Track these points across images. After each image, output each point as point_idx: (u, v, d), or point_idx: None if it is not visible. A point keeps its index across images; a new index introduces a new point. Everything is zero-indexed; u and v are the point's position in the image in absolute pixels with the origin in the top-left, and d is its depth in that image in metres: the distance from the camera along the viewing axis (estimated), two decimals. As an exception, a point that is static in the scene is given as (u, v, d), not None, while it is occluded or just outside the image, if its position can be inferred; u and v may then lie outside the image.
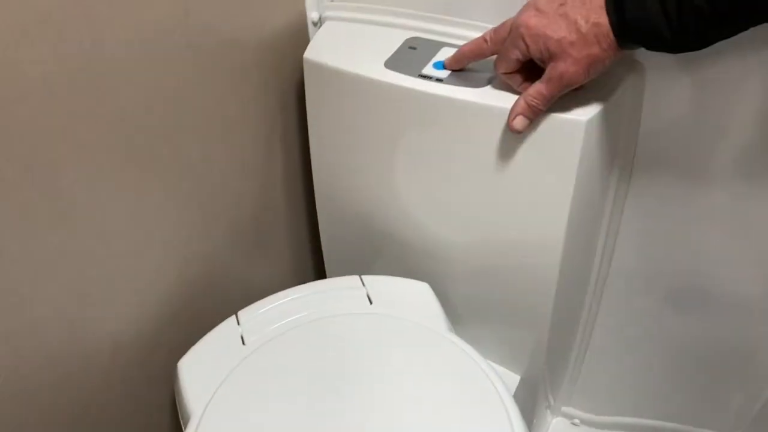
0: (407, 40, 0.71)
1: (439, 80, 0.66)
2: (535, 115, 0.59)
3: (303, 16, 0.78)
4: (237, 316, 0.71)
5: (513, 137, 0.63)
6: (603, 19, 0.53)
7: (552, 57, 0.55)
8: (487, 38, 0.61)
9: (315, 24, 0.78)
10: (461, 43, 0.69)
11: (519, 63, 0.59)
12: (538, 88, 0.58)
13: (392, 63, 0.69)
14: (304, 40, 0.76)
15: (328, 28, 0.76)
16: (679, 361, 0.86)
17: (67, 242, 0.59)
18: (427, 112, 0.67)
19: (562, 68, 0.55)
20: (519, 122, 0.60)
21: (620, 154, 0.70)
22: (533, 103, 0.58)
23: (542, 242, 0.68)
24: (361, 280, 0.74)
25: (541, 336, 0.78)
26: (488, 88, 0.64)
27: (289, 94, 0.79)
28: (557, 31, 0.54)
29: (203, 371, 0.65)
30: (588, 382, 0.95)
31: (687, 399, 0.89)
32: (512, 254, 0.72)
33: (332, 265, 0.92)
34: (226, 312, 0.72)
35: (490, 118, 0.63)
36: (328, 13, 0.77)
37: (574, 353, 0.93)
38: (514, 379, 0.82)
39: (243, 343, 0.68)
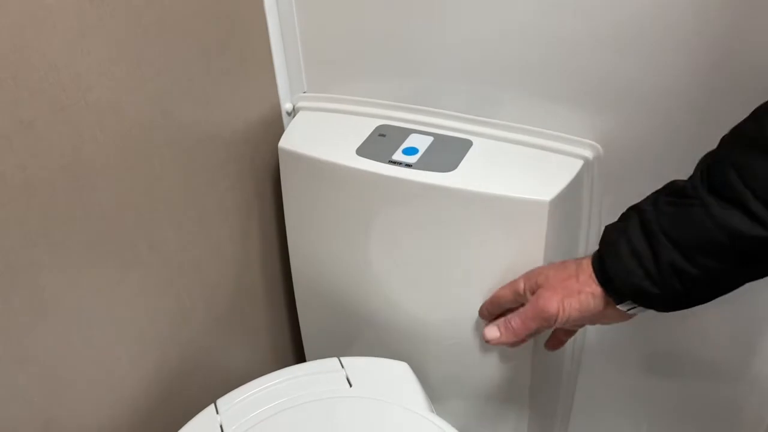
0: (377, 128, 0.75)
1: (408, 165, 0.69)
2: (509, 334, 0.62)
3: (277, 107, 0.81)
4: (216, 405, 0.70)
5: (482, 218, 0.66)
6: (591, 275, 0.55)
7: (539, 287, 0.59)
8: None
9: (289, 114, 0.82)
10: (429, 129, 0.73)
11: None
12: (517, 311, 0.62)
13: (363, 150, 0.71)
14: (278, 130, 0.79)
15: (302, 118, 0.79)
16: (665, 420, 0.86)
17: (44, 339, 0.59)
18: (398, 196, 0.69)
19: (538, 294, 0.59)
20: (490, 332, 0.64)
21: (586, 225, 0.73)
22: (509, 325, 0.62)
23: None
24: (340, 362, 0.75)
25: (521, 410, 0.78)
26: (456, 172, 0.67)
27: (264, 182, 0.82)
28: (549, 267, 0.59)
29: (183, 464, 0.64)
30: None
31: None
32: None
33: (311, 346, 0.92)
34: (205, 400, 0.71)
35: (458, 200, 0.66)
36: (301, 104, 0.80)
37: (558, 425, 0.92)
38: (497, 456, 0.82)
39: (222, 433, 0.67)
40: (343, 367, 0.74)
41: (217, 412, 0.69)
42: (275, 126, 0.81)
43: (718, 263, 0.47)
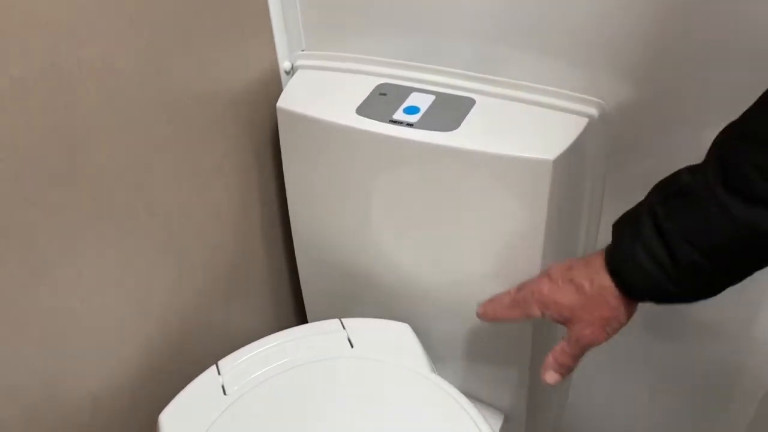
0: (377, 87, 0.73)
1: (409, 125, 0.67)
2: (565, 369, 0.59)
3: (275, 65, 0.79)
4: (218, 366, 0.71)
5: (484, 178, 0.65)
6: (606, 281, 0.53)
7: (567, 321, 0.57)
8: (511, 294, 0.63)
9: (287, 73, 0.80)
10: (430, 88, 0.71)
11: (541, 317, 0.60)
12: (563, 346, 0.58)
13: (364, 109, 0.70)
14: (277, 90, 0.78)
15: (301, 77, 0.78)
16: (666, 386, 0.86)
17: (44, 301, 0.59)
18: (399, 156, 0.68)
19: (578, 332, 0.56)
20: (550, 377, 0.60)
21: (590, 185, 0.72)
22: (561, 361, 0.59)
23: (518, 278, 0.69)
24: (342, 323, 0.75)
25: (522, 371, 0.78)
26: (458, 132, 0.65)
27: (263, 142, 0.80)
28: (567, 296, 0.56)
29: (185, 423, 0.65)
30: (574, 416, 0.95)
31: (677, 423, 0.89)
32: (489, 291, 0.72)
33: (313, 308, 0.92)
34: (206, 361, 0.71)
35: (460, 160, 0.65)
36: (300, 62, 0.79)
37: (559, 387, 0.93)
38: (498, 417, 0.83)
39: (224, 393, 0.67)
40: (344, 328, 0.74)
41: (219, 373, 0.70)
42: (273, 85, 0.79)
43: (740, 258, 0.48)
